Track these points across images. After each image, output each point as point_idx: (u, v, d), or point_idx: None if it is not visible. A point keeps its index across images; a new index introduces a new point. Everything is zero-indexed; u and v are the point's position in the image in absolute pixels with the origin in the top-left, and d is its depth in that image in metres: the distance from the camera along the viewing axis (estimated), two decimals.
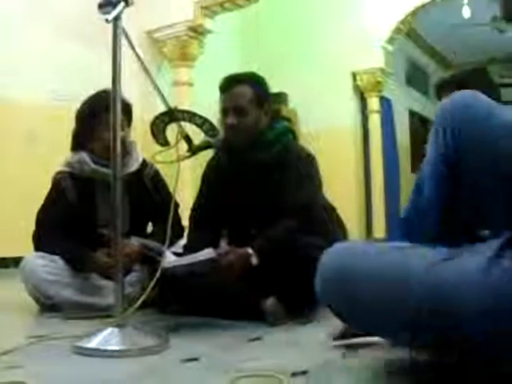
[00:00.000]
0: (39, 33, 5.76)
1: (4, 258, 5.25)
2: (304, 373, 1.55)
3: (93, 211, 2.89)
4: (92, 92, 2.98)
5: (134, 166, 2.95)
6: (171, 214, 2.26)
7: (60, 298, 2.68)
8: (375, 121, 9.01)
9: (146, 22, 6.58)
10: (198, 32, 6.71)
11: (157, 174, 3.09)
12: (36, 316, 2.71)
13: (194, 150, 2.28)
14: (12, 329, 2.41)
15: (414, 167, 10.11)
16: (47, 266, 2.73)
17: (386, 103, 9.29)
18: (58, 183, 2.95)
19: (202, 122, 2.31)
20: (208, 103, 4.53)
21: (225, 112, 2.61)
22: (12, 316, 2.70)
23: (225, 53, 8.05)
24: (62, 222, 2.87)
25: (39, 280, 2.70)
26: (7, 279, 4.46)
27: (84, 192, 2.91)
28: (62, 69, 5.82)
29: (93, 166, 2.88)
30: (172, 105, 2.29)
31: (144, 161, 3.03)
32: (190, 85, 6.71)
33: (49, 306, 2.71)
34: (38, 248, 2.87)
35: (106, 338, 1.88)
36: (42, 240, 2.88)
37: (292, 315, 2.32)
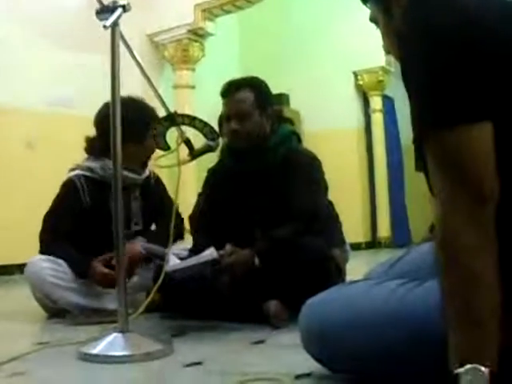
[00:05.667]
0: (34, 39, 5.72)
1: (9, 265, 5.25)
2: (308, 375, 1.55)
3: (109, 213, 2.88)
4: (93, 97, 3.00)
5: (145, 173, 3.06)
6: (173, 219, 2.25)
7: (65, 301, 2.68)
8: (378, 120, 8.97)
9: (148, 25, 6.60)
10: (198, 35, 6.72)
11: (158, 178, 3.18)
12: (42, 322, 2.71)
13: (194, 154, 2.28)
14: (17, 335, 2.42)
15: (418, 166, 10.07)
16: (52, 269, 2.72)
17: (388, 102, 9.27)
18: (72, 186, 2.90)
19: (202, 126, 2.30)
20: (209, 105, 4.53)
21: (227, 118, 2.60)
22: (18, 323, 2.70)
23: (225, 55, 8.05)
24: (70, 226, 2.85)
25: (44, 282, 2.69)
26: (13, 286, 4.48)
27: (100, 195, 2.85)
28: (60, 75, 5.78)
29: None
30: (174, 108, 2.31)
31: None
32: (192, 87, 6.72)
33: (55, 312, 2.71)
34: (42, 251, 2.85)
35: (110, 343, 1.88)
36: (46, 244, 2.86)
37: (295, 317, 2.32)
